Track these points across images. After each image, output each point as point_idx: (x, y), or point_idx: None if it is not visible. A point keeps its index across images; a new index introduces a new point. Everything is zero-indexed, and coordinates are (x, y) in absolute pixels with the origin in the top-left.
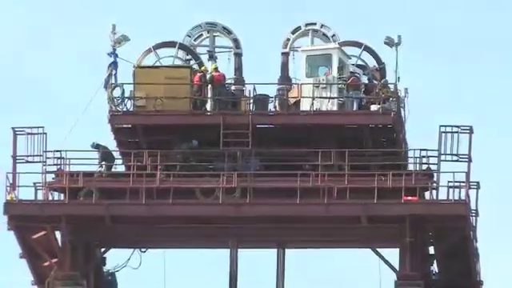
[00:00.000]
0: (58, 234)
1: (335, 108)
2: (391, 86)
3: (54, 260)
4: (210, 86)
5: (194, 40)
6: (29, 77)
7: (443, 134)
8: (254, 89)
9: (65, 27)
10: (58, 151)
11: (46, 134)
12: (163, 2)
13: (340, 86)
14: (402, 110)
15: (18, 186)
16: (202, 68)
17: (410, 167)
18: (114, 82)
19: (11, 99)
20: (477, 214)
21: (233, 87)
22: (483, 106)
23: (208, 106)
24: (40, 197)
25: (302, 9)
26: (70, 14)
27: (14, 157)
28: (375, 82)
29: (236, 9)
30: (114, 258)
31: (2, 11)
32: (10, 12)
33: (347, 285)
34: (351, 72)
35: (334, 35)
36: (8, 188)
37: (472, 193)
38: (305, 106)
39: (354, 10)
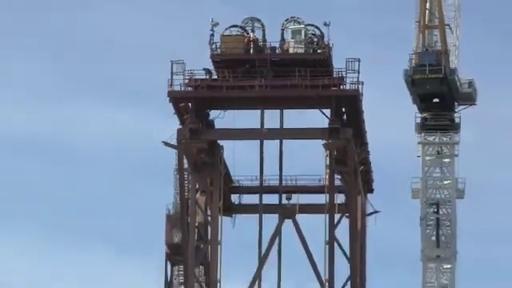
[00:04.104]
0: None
1: (303, 52)
2: (326, 43)
3: (187, 115)
4: (251, 43)
5: (245, 24)
6: (174, 48)
7: (348, 62)
8: (270, 44)
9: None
10: (190, 70)
11: (184, 63)
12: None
13: (305, 42)
14: (330, 52)
15: (174, 85)
16: (248, 35)
17: (335, 75)
18: (213, 41)
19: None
20: (362, 95)
21: (261, 43)
22: (368, 48)
23: (251, 51)
24: (183, 89)
25: (290, 11)
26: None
27: (171, 72)
28: (320, 41)
29: (262, 12)
30: (213, 114)
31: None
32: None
33: (309, 124)
34: (309, 37)
35: (302, 21)
36: (168, 87)
37: (360, 86)
38: (291, 50)
39: (310, 11)
